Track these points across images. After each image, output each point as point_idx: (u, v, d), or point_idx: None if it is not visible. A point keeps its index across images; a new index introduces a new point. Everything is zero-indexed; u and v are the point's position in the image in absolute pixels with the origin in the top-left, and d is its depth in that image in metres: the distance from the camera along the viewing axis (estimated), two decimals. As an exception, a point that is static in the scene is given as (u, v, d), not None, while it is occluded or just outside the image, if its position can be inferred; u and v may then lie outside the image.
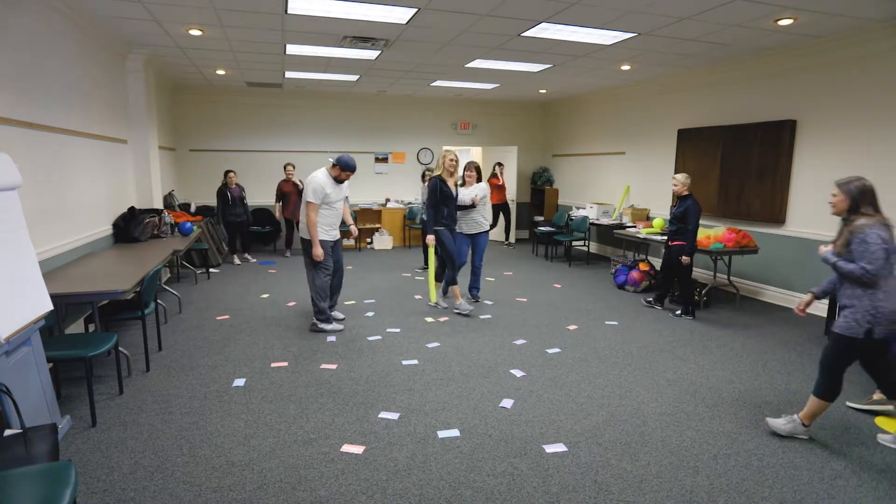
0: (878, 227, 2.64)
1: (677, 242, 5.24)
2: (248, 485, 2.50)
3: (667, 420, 3.17)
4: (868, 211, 2.72)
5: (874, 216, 2.69)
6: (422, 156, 10.25)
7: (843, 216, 2.86)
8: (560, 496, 2.43)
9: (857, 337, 2.69)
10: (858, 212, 2.74)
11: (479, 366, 4.00)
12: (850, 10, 4.27)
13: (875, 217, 2.69)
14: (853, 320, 2.71)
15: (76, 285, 3.48)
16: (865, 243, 2.64)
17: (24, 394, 2.50)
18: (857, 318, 2.70)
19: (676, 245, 5.24)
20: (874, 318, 2.65)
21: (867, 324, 2.66)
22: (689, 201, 5.14)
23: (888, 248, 2.61)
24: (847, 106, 5.18)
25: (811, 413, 2.90)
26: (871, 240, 2.61)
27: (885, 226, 2.66)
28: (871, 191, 2.75)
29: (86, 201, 4.77)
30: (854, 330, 2.70)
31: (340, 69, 7.08)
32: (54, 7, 4.16)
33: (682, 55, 5.93)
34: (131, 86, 6.10)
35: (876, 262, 2.59)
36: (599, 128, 9.13)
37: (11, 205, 2.74)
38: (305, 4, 4.39)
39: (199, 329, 4.82)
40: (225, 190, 7.72)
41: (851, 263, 2.70)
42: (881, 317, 2.64)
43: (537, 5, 4.31)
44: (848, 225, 2.79)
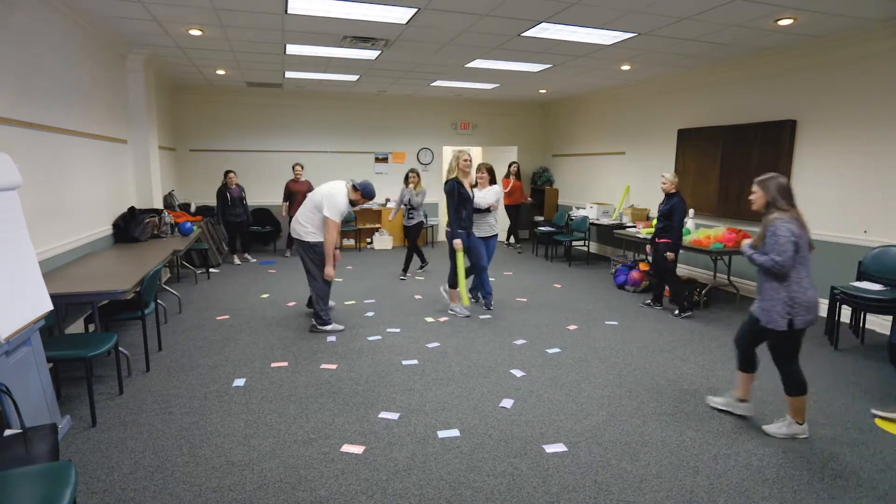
0: (790, 221, 2.76)
1: (664, 240, 5.32)
2: (248, 485, 2.50)
3: (667, 420, 3.17)
4: (783, 206, 2.83)
5: (788, 211, 2.82)
6: (422, 156, 10.25)
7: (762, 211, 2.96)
8: (560, 496, 2.43)
9: (781, 329, 2.81)
10: (775, 207, 2.85)
11: (479, 366, 4.00)
12: (850, 10, 4.27)
13: (789, 212, 2.81)
14: (775, 313, 2.82)
15: (76, 285, 3.48)
16: (776, 236, 2.76)
17: (24, 394, 2.50)
18: (777, 311, 2.82)
19: (662, 242, 5.34)
20: (792, 308, 2.78)
21: (787, 315, 2.79)
22: (675, 199, 5.24)
23: (797, 241, 2.74)
24: (847, 106, 5.18)
25: (796, 410, 2.96)
26: (781, 233, 2.74)
27: (796, 220, 2.79)
28: (787, 187, 2.87)
29: (86, 201, 4.77)
30: (777, 323, 2.82)
31: (340, 69, 7.08)
32: (54, 7, 4.16)
33: (682, 55, 5.93)
34: (131, 86, 6.10)
35: (784, 254, 2.71)
36: (599, 128, 9.13)
37: (11, 205, 2.74)
38: (305, 4, 4.38)
39: (199, 329, 4.82)
40: (225, 190, 7.72)
41: (764, 255, 2.82)
42: (798, 307, 2.77)
43: (537, 5, 4.31)
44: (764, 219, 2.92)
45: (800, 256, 2.76)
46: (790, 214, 2.80)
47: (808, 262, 2.83)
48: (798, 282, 2.78)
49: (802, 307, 2.78)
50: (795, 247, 2.74)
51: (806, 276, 2.81)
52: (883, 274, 4.48)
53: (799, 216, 2.82)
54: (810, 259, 2.84)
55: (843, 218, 5.25)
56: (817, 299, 2.85)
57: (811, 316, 2.81)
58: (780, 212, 2.82)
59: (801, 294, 2.77)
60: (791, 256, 2.73)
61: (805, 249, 2.80)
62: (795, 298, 2.77)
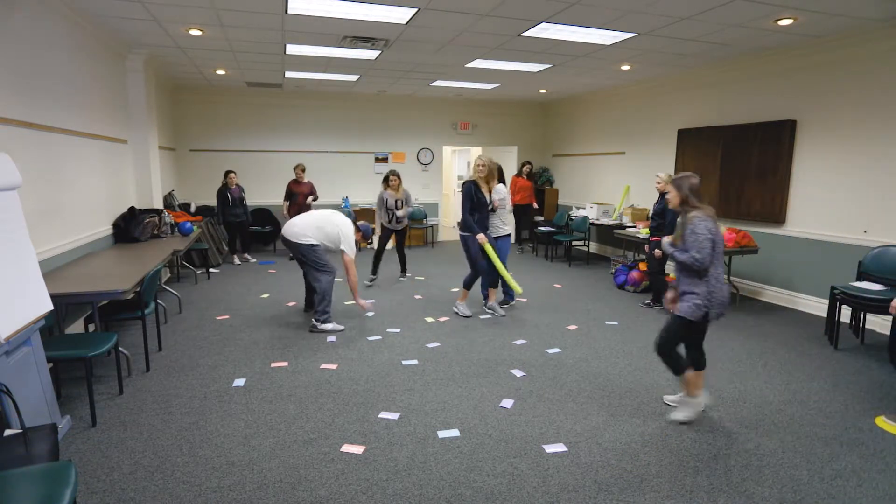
0: (707, 220, 2.90)
1: (655, 238, 5.41)
2: (248, 485, 2.50)
3: (667, 420, 3.17)
4: (696, 204, 2.97)
5: (703, 208, 2.95)
6: (422, 156, 10.25)
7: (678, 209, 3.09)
8: (560, 496, 2.43)
9: (696, 320, 2.95)
10: (689, 205, 2.99)
11: (479, 366, 4.00)
12: (850, 10, 4.27)
13: (704, 209, 2.94)
14: (695, 305, 2.94)
15: (76, 285, 3.48)
16: (695, 234, 2.88)
17: (24, 394, 2.50)
18: (698, 304, 2.94)
19: (654, 241, 5.43)
20: (710, 301, 2.92)
21: (705, 308, 2.93)
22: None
23: (714, 238, 2.87)
24: (847, 106, 5.18)
25: (689, 385, 3.10)
26: (700, 231, 2.86)
27: (711, 217, 2.92)
28: (698, 187, 3.02)
29: (86, 201, 4.77)
30: (696, 313, 2.94)
31: (340, 69, 7.08)
32: (54, 7, 4.16)
33: (682, 55, 5.93)
34: (131, 86, 6.10)
35: (703, 251, 2.84)
36: (599, 128, 9.13)
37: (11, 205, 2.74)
38: (305, 4, 4.38)
39: (199, 329, 4.82)
40: (225, 191, 7.73)
41: (685, 253, 2.92)
42: (714, 300, 2.92)
43: (537, 5, 4.31)
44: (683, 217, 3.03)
45: (716, 253, 2.89)
46: (706, 212, 2.92)
47: (722, 257, 2.97)
48: (716, 277, 2.92)
49: (717, 301, 2.92)
50: (713, 244, 2.86)
51: (721, 271, 2.96)
52: (883, 274, 4.48)
53: (713, 214, 2.95)
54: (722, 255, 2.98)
55: (843, 218, 5.25)
56: (728, 294, 2.99)
57: (722, 310, 2.97)
58: (697, 210, 2.93)
59: (717, 289, 2.92)
60: (709, 253, 2.85)
61: (721, 246, 2.93)
62: (713, 293, 2.91)
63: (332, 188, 9.67)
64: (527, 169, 9.18)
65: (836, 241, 5.30)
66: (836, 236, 5.31)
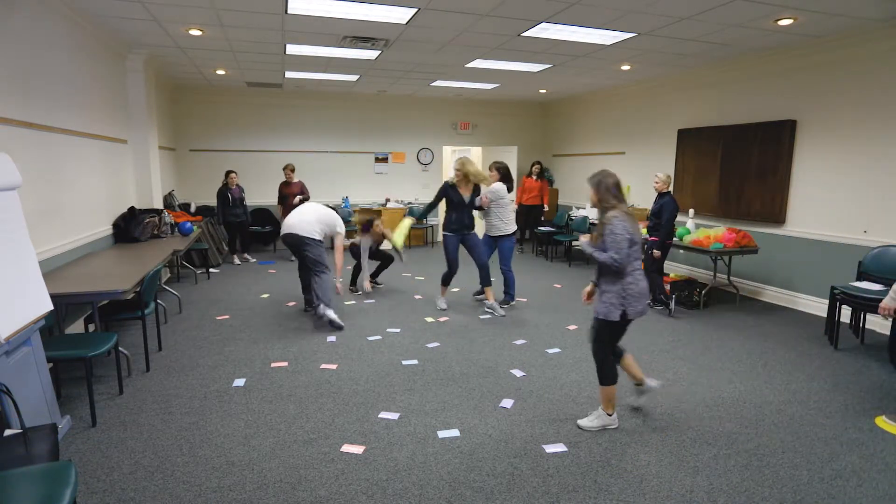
0: (624, 220, 2.88)
1: (653, 238, 5.42)
2: (248, 485, 2.50)
3: (667, 420, 3.17)
4: (612, 203, 2.93)
5: (618, 207, 2.92)
6: (422, 156, 10.25)
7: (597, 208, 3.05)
8: (560, 496, 2.43)
9: (614, 320, 2.91)
10: (607, 204, 2.95)
11: (479, 366, 4.00)
12: (850, 10, 4.27)
13: (620, 209, 2.92)
14: (610, 304, 2.92)
15: (76, 285, 3.48)
16: (613, 234, 2.85)
17: (24, 394, 2.50)
18: (613, 303, 2.91)
19: (651, 240, 5.44)
20: (625, 300, 2.90)
21: (621, 307, 2.90)
22: (666, 198, 5.33)
23: (631, 237, 2.86)
24: (847, 106, 5.18)
25: (606, 400, 3.06)
26: (618, 230, 2.84)
27: (628, 216, 2.91)
28: (613, 185, 2.95)
29: (86, 201, 4.77)
30: (612, 314, 2.91)
31: (340, 69, 7.08)
32: (54, 7, 4.16)
33: (682, 55, 5.93)
34: (131, 86, 6.10)
35: (621, 252, 2.84)
36: (599, 128, 9.13)
37: (11, 205, 2.74)
38: (305, 4, 4.38)
39: (199, 329, 4.82)
40: (226, 191, 7.73)
41: (604, 253, 2.90)
42: (631, 299, 2.90)
43: (537, 5, 4.31)
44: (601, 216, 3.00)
45: (633, 251, 2.89)
46: (622, 211, 2.91)
47: (639, 255, 2.96)
48: (631, 274, 2.92)
49: (634, 298, 2.90)
50: (630, 243, 2.86)
51: (637, 269, 2.96)
52: (883, 274, 4.48)
53: (629, 212, 2.94)
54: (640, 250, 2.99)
55: (843, 218, 5.25)
56: (647, 290, 2.98)
57: (641, 307, 2.94)
58: (614, 210, 2.92)
59: (633, 286, 2.91)
60: (627, 253, 2.85)
61: (638, 245, 2.92)
62: (628, 290, 2.90)
63: (332, 188, 9.67)
64: (536, 169, 9.14)
65: (836, 241, 5.30)
66: (836, 236, 5.31)
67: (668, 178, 5.41)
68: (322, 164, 9.57)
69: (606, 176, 2.97)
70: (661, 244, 5.34)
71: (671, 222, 5.32)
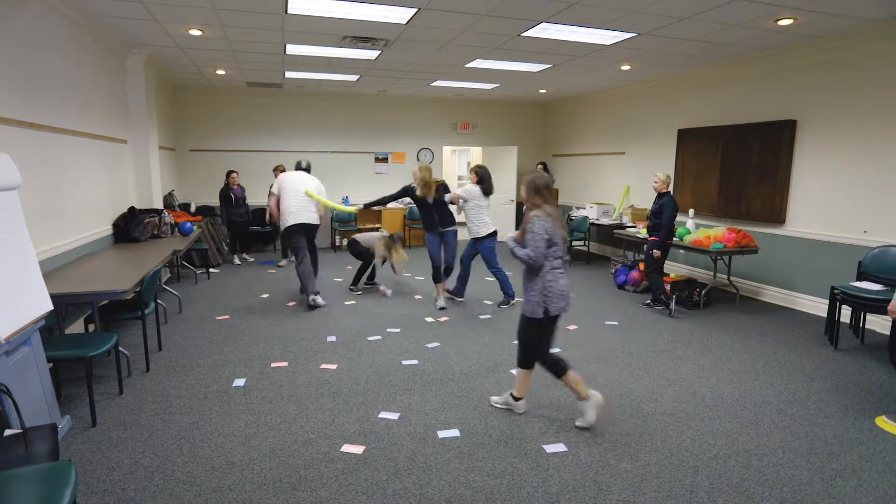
0: (545, 219, 2.97)
1: (653, 238, 5.46)
2: (248, 485, 2.50)
3: (667, 420, 3.17)
4: (538, 202, 3.03)
5: (544, 208, 3.02)
6: (422, 156, 10.25)
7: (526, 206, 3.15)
8: (560, 496, 2.43)
9: (538, 317, 2.98)
10: (533, 204, 3.05)
11: (479, 366, 4.00)
12: (850, 10, 4.26)
13: (545, 209, 3.01)
14: (533, 303, 2.99)
15: (76, 285, 3.48)
16: (532, 232, 2.95)
17: (24, 394, 2.50)
18: (536, 301, 2.99)
19: (651, 240, 5.48)
20: (546, 298, 2.97)
21: (543, 304, 2.97)
22: (666, 198, 5.36)
23: (549, 237, 2.95)
24: (847, 106, 5.18)
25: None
26: (536, 229, 2.94)
27: (549, 216, 2.99)
28: (539, 186, 3.05)
29: (86, 201, 4.77)
30: (535, 312, 2.99)
31: (340, 69, 7.08)
32: (54, 7, 4.16)
33: (682, 55, 5.93)
34: (131, 86, 6.10)
35: (537, 250, 2.93)
36: (599, 128, 9.13)
37: (11, 205, 2.74)
38: (305, 4, 4.38)
39: (199, 329, 4.82)
40: (228, 191, 7.75)
41: (523, 250, 2.99)
42: (552, 296, 2.97)
43: (537, 5, 4.31)
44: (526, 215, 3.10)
45: (552, 251, 2.97)
46: (545, 211, 3.00)
47: (562, 253, 3.04)
48: (550, 272, 2.98)
49: (555, 295, 2.97)
50: (548, 243, 2.94)
51: (558, 267, 3.02)
52: (883, 274, 4.48)
53: (552, 212, 3.02)
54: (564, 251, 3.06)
55: (843, 218, 5.25)
56: (569, 289, 3.04)
57: (563, 303, 3.00)
58: (538, 210, 3.01)
59: (553, 283, 2.97)
60: (543, 252, 2.94)
61: (558, 246, 2.99)
62: (548, 288, 2.97)
63: (332, 188, 9.65)
64: (539, 169, 9.16)
65: (836, 241, 5.30)
66: (836, 236, 5.31)
67: (667, 178, 5.43)
68: (322, 164, 9.55)
69: (538, 178, 3.08)
70: (662, 244, 5.35)
71: (671, 222, 5.33)
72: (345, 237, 9.60)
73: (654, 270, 5.50)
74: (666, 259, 5.54)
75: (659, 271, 5.54)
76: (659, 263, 5.47)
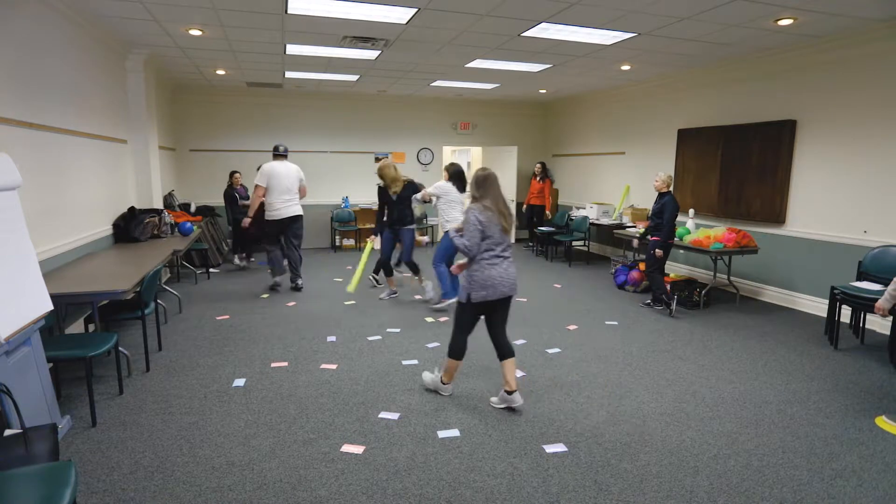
0: (480, 212, 3.14)
1: (654, 237, 5.47)
2: (248, 485, 2.50)
3: (667, 420, 3.17)
4: (477, 196, 3.22)
5: (480, 202, 3.19)
6: (422, 156, 10.25)
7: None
8: (560, 496, 2.43)
9: (462, 301, 3.21)
10: (475, 196, 3.24)
11: (479, 366, 4.00)
12: (850, 10, 4.26)
13: (481, 202, 3.18)
14: (462, 287, 3.22)
15: (76, 285, 3.48)
16: (468, 223, 3.16)
17: (24, 394, 2.50)
18: (464, 286, 3.21)
19: (652, 240, 5.49)
20: (470, 285, 3.17)
21: (468, 290, 3.17)
22: (667, 198, 5.38)
23: (483, 229, 3.12)
24: (847, 106, 5.18)
25: (446, 370, 3.40)
26: (471, 221, 3.14)
27: (485, 209, 3.15)
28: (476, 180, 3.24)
29: (86, 201, 4.77)
30: (461, 295, 3.22)
31: (340, 69, 7.08)
32: (54, 7, 4.15)
33: (682, 55, 5.92)
34: (131, 86, 6.10)
35: (472, 239, 3.14)
36: (599, 128, 9.13)
37: (11, 205, 2.74)
38: (305, 4, 4.38)
39: (199, 329, 4.82)
40: (232, 191, 7.77)
41: (461, 239, 3.19)
42: (475, 284, 3.15)
43: (537, 5, 4.31)
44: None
45: (486, 243, 3.14)
46: (482, 205, 3.17)
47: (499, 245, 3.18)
48: (479, 262, 3.16)
49: (478, 285, 3.14)
50: (482, 235, 3.13)
51: (491, 257, 3.16)
52: (883, 274, 4.48)
53: (490, 205, 3.16)
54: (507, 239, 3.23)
55: (843, 218, 5.25)
56: (496, 279, 3.15)
57: (485, 292, 3.14)
58: (477, 203, 3.21)
59: (478, 273, 3.15)
60: (477, 242, 3.13)
61: (493, 238, 3.15)
62: (473, 277, 3.16)
63: (333, 188, 9.67)
64: (537, 169, 9.23)
65: (836, 241, 5.30)
66: (836, 236, 5.31)
67: (668, 178, 5.43)
68: (322, 164, 9.56)
69: (480, 173, 3.27)
70: (663, 243, 5.35)
71: (672, 222, 5.33)
72: (345, 237, 9.63)
73: (655, 270, 5.50)
74: (667, 259, 5.54)
75: (660, 271, 5.54)
76: (660, 263, 5.47)
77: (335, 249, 9.46)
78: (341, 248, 9.51)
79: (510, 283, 3.19)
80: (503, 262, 3.18)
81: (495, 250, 3.16)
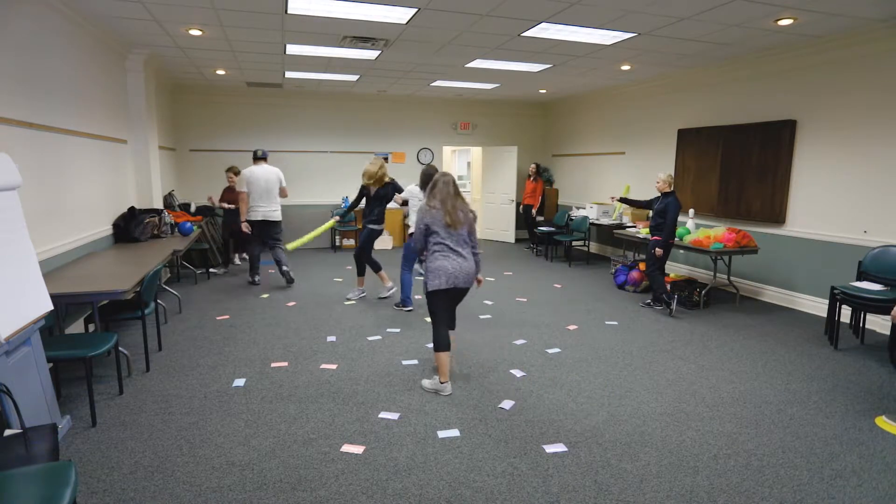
0: (425, 211, 3.47)
1: (656, 237, 5.48)
2: (248, 485, 2.50)
3: (667, 420, 3.17)
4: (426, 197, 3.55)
5: (428, 202, 3.50)
6: (422, 156, 10.25)
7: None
8: (560, 496, 2.43)
9: (427, 291, 3.47)
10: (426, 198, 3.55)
11: (479, 366, 4.00)
12: (850, 10, 4.27)
13: (429, 202, 3.48)
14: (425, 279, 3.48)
15: (76, 285, 3.48)
16: (416, 222, 3.52)
17: (24, 394, 2.50)
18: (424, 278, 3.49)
19: (654, 239, 5.51)
20: (426, 275, 3.46)
21: (425, 280, 3.47)
22: (670, 198, 5.38)
23: (427, 227, 3.44)
24: (847, 106, 5.18)
25: (439, 368, 3.51)
26: (417, 219, 3.51)
27: (431, 208, 3.45)
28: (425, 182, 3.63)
29: (86, 201, 4.77)
30: (424, 288, 3.50)
31: (340, 69, 7.08)
32: (54, 7, 4.16)
33: (682, 55, 5.93)
34: (131, 86, 6.10)
35: (416, 234, 3.52)
36: (599, 128, 9.13)
37: (11, 205, 2.74)
38: (305, 4, 4.38)
39: (199, 329, 4.82)
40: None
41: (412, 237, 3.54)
42: (430, 273, 3.43)
43: (537, 5, 4.31)
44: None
45: (434, 238, 3.43)
46: (428, 204, 3.48)
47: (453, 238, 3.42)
48: (431, 253, 3.46)
49: (432, 273, 3.41)
50: (427, 230, 3.44)
51: (442, 249, 3.42)
52: (883, 274, 4.48)
53: (435, 204, 3.43)
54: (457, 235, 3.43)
55: (843, 218, 5.25)
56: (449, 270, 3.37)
57: (438, 281, 3.39)
58: (424, 202, 3.55)
59: (431, 263, 3.44)
60: (420, 238, 3.49)
61: (438, 233, 3.42)
62: (427, 266, 3.46)
63: (333, 188, 9.67)
64: (531, 169, 9.37)
65: (836, 241, 5.30)
66: (836, 236, 5.31)
67: (669, 178, 5.42)
68: (322, 164, 9.57)
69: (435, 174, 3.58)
70: (664, 243, 5.35)
71: (675, 222, 5.33)
72: (345, 237, 9.62)
73: (655, 270, 5.51)
74: (668, 258, 5.54)
75: (661, 270, 5.54)
76: (661, 263, 5.47)
77: (335, 249, 9.46)
78: (341, 248, 9.51)
79: (464, 276, 3.42)
80: (457, 256, 3.42)
81: (445, 244, 3.42)
